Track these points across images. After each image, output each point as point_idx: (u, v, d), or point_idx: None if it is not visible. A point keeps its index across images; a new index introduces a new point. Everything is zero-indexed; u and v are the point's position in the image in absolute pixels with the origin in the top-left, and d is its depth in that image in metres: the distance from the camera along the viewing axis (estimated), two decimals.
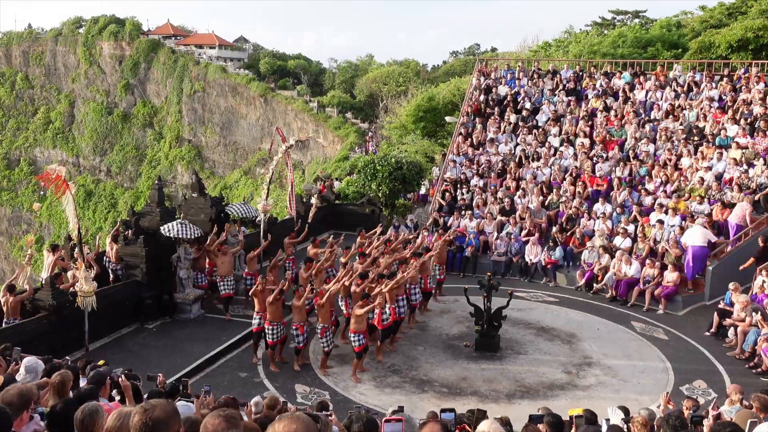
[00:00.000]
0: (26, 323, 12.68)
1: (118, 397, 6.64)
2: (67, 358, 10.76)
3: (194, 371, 12.83)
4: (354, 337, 12.38)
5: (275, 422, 2.40)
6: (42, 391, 5.96)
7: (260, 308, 12.87)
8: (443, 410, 4.29)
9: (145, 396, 7.00)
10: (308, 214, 19.74)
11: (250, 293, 13.39)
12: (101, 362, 9.09)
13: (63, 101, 77.56)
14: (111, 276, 15.98)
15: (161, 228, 15.25)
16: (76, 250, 13.46)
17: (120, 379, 6.86)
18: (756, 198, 18.01)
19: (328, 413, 7.49)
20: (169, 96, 72.10)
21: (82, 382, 7.21)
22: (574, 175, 20.81)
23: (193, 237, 15.39)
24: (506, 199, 20.40)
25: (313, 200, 21.12)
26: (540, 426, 6.49)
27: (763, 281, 14.78)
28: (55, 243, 15.91)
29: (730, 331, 14.08)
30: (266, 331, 12.77)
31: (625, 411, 7.74)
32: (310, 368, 13.13)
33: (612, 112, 23.17)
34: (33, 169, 75.48)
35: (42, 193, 68.30)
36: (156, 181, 17.97)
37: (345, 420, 7.48)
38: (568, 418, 7.03)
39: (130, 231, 15.98)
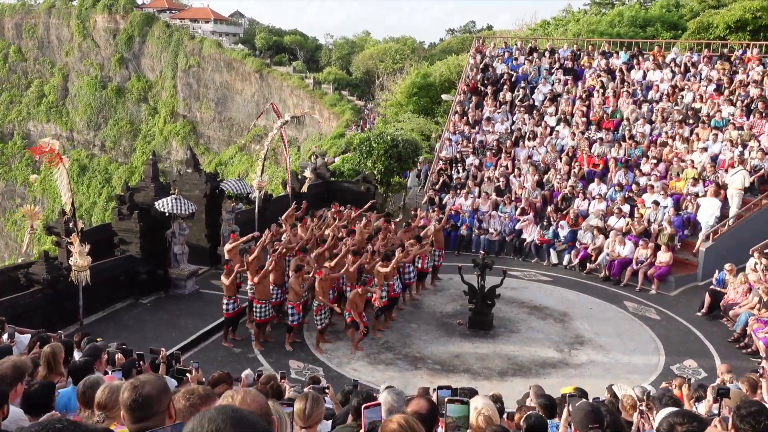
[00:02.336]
0: (20, 297, 12.68)
1: (112, 372, 6.67)
2: (61, 332, 10.80)
3: (189, 346, 12.89)
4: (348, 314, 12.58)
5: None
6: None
7: (231, 293, 12.60)
8: (440, 387, 4.31)
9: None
10: (302, 187, 19.71)
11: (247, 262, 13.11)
12: (99, 339, 9.13)
13: (56, 75, 76.79)
14: None
15: (156, 203, 15.22)
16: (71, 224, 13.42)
17: (117, 356, 6.90)
18: (750, 180, 18.04)
19: (326, 386, 7.55)
20: (163, 70, 71.45)
21: (77, 356, 7.23)
22: (569, 154, 20.79)
23: (187, 213, 15.36)
24: (501, 179, 20.40)
25: (307, 173, 21.06)
26: (530, 402, 6.56)
27: (756, 263, 14.88)
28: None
29: (731, 312, 14.10)
30: (254, 309, 12.83)
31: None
32: (304, 344, 13.20)
33: (609, 92, 23.10)
34: (26, 143, 74.91)
35: (37, 166, 67.88)
36: (150, 157, 17.90)
37: (339, 395, 7.54)
38: (560, 396, 7.09)
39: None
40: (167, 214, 15.27)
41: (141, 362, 7.15)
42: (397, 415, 3.22)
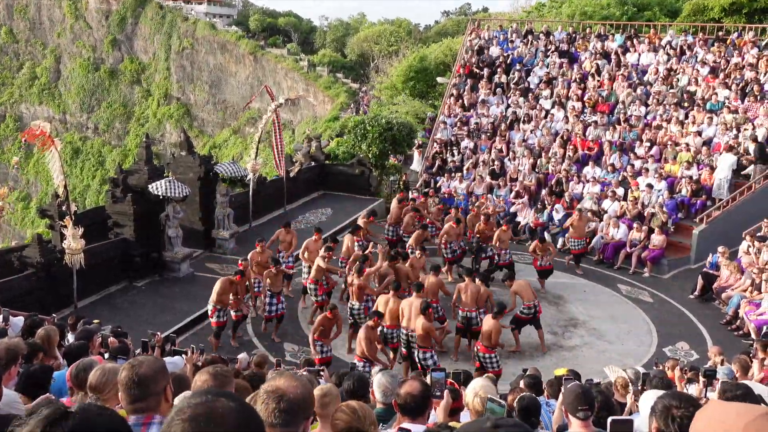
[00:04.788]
0: (14, 280, 12.66)
1: (107, 355, 6.67)
2: (54, 315, 10.80)
3: (183, 329, 12.91)
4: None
5: (276, 378, 2.40)
6: None
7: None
8: (433, 369, 4.35)
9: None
10: (296, 171, 19.64)
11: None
12: (96, 321, 9.13)
13: (49, 56, 76.04)
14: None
15: (149, 186, 15.16)
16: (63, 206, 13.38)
17: (110, 339, 6.90)
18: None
19: (321, 368, 7.59)
20: (157, 52, 70.84)
21: (70, 339, 7.23)
22: (564, 138, 20.77)
23: (181, 196, 15.30)
24: (496, 162, 20.39)
25: (298, 156, 20.97)
26: (523, 384, 6.61)
27: (749, 246, 14.96)
28: None
29: (724, 295, 14.20)
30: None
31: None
32: (299, 327, 13.25)
33: (604, 75, 23.04)
34: (19, 125, 74.28)
35: (27, 148, 67.42)
36: (144, 139, 17.80)
37: (334, 378, 7.57)
38: (553, 378, 7.15)
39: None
40: (161, 197, 15.22)
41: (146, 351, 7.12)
42: (349, 404, 3.26)
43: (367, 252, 13.45)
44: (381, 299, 11.48)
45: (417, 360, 10.71)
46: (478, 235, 15.51)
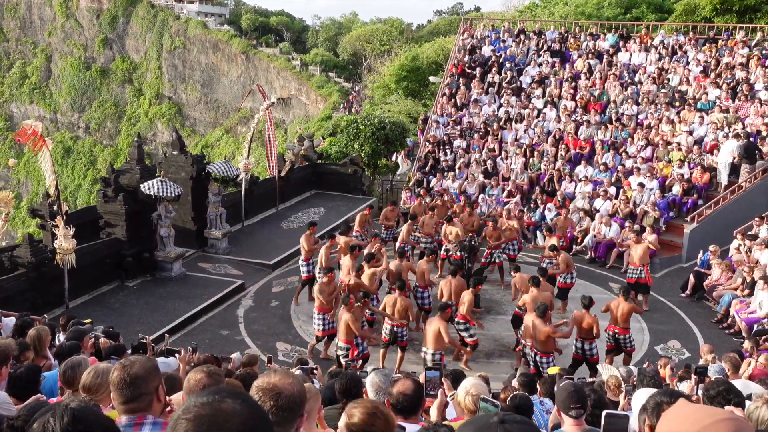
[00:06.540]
0: (5, 280, 12.58)
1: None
2: (45, 315, 10.75)
3: (175, 329, 12.87)
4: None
5: (269, 375, 2.40)
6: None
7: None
8: (428, 368, 4.36)
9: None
10: (288, 170, 19.60)
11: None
12: (88, 321, 9.09)
13: (39, 55, 75.63)
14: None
15: (141, 186, 15.09)
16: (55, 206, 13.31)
17: (101, 339, 6.87)
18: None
19: (314, 367, 7.58)
20: (148, 51, 70.57)
21: (61, 338, 7.20)
22: (557, 137, 20.81)
23: (173, 195, 15.24)
24: (488, 161, 20.43)
25: (289, 155, 20.92)
26: (515, 383, 6.62)
27: (739, 244, 15.04)
28: None
29: (715, 293, 14.26)
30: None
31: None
32: (292, 326, 13.23)
33: (596, 75, 23.11)
34: (9, 125, 73.92)
35: (18, 148, 67.03)
36: (136, 139, 17.73)
37: (326, 376, 7.57)
38: (547, 376, 7.16)
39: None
40: (153, 197, 15.16)
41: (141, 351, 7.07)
42: (363, 404, 3.16)
43: (375, 250, 13.45)
44: (388, 299, 11.41)
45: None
46: (471, 234, 15.53)
